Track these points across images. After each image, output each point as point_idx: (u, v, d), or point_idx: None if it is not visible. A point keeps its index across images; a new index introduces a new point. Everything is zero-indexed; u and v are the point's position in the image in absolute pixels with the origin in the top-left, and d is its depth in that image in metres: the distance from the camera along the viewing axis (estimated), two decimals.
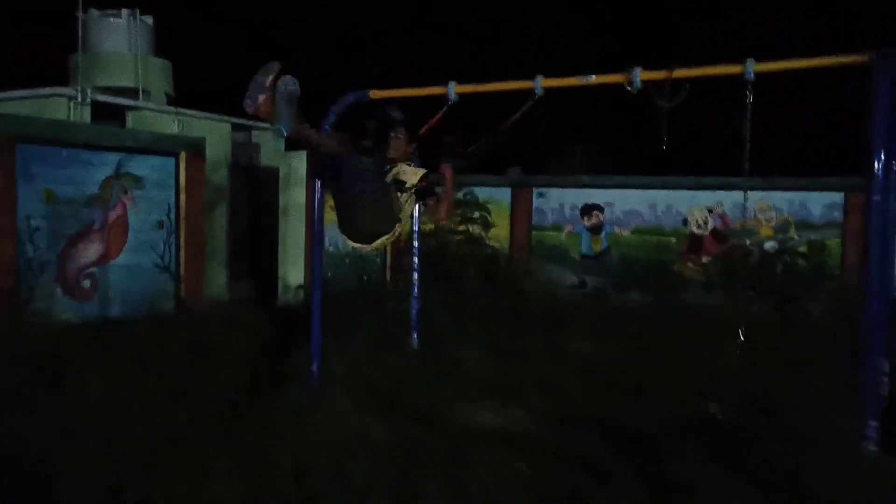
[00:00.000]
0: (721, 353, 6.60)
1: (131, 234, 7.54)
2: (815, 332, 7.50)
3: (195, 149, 8.16)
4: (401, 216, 4.50)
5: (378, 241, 4.34)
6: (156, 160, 7.78)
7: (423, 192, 4.53)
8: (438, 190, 4.59)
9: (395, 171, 4.60)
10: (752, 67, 4.41)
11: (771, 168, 9.91)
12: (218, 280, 10.29)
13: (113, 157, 7.37)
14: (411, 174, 4.61)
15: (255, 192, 11.20)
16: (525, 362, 6.41)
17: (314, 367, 4.98)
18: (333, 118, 5.51)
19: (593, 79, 4.92)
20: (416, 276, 6.32)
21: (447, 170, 4.67)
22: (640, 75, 4.70)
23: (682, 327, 7.74)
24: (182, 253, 8.02)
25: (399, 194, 4.46)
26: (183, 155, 8.00)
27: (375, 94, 5.67)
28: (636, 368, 6.39)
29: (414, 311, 6.28)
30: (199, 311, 8.00)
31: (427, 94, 5.58)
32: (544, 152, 12.82)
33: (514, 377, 6.06)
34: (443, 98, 5.41)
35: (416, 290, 6.31)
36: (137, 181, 7.60)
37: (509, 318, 7.71)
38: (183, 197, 7.98)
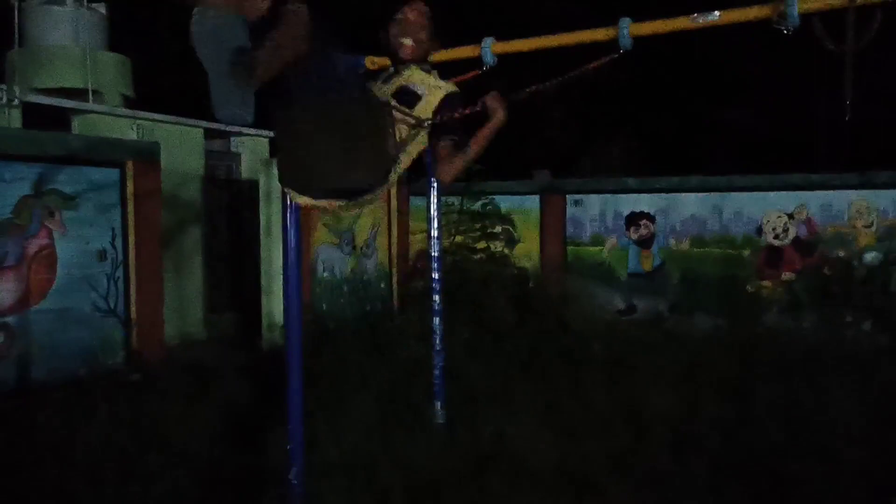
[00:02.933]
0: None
1: (61, 269, 5.74)
2: None
3: (146, 156, 6.38)
4: (400, 158, 2.71)
5: (351, 202, 2.67)
6: (94, 172, 6.00)
7: (443, 127, 2.73)
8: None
9: (405, 74, 2.87)
10: None
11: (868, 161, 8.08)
12: (192, 315, 8.64)
13: (31, 170, 5.59)
14: (433, 88, 2.82)
15: (236, 209, 9.62)
16: (595, 432, 4.62)
17: (293, 475, 3.21)
18: None
19: (717, 16, 3.16)
20: (437, 320, 4.48)
21: (496, 99, 2.80)
22: (798, 4, 2.95)
23: (780, 364, 5.97)
24: (133, 289, 6.22)
25: (402, 120, 2.69)
26: (130, 164, 6.22)
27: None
28: (748, 434, 4.61)
29: (437, 371, 4.45)
30: (158, 363, 6.22)
31: (451, 59, 3.87)
32: (577, 152, 11.04)
33: (586, 458, 4.28)
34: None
35: (438, 339, 4.47)
36: (68, 200, 5.82)
37: (559, 363, 5.91)
38: (132, 218, 6.20)
